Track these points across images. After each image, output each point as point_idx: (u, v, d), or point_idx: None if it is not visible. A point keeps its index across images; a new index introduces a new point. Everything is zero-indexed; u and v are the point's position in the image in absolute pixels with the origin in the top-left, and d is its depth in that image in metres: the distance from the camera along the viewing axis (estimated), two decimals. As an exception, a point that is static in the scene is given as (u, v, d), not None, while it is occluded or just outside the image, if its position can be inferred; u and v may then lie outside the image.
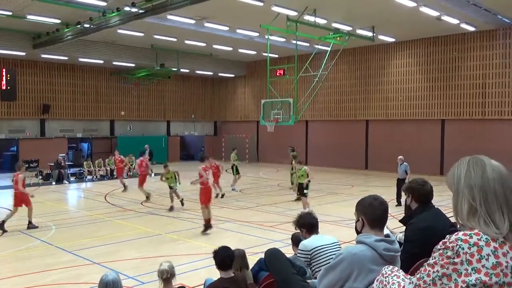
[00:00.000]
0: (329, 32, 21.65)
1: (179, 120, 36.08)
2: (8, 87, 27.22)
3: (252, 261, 5.83)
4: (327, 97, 29.44)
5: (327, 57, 23.07)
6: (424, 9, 18.29)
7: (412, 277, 2.04)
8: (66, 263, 9.14)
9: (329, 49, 22.73)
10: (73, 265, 9.02)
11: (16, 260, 9.46)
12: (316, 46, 23.22)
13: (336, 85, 29.06)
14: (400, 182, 15.14)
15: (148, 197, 16.73)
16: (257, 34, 23.37)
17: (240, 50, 28.89)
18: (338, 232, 10.88)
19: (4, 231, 11.97)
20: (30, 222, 12.41)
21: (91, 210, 15.20)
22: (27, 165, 26.15)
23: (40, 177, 23.68)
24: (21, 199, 12.43)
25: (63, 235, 11.66)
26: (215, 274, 4.88)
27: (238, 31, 23.02)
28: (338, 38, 22.32)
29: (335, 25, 21.41)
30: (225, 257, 4.56)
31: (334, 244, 4.79)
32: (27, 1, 17.69)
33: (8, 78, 27.20)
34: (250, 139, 34.36)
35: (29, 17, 20.31)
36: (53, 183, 22.56)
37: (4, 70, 26.99)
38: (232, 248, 5.04)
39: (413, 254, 3.79)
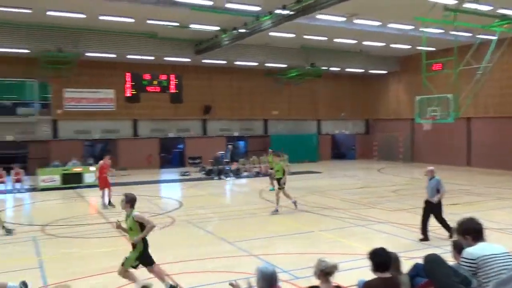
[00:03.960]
0: (494, 20, 19.59)
1: (329, 119, 36.14)
2: (176, 91, 30.46)
3: (407, 266, 5.59)
4: (492, 91, 26.62)
5: (493, 48, 20.88)
6: None
7: None
8: (226, 252, 9.86)
9: (494, 38, 20.56)
10: (232, 255, 9.68)
11: (182, 247, 10.46)
12: (479, 36, 21.20)
13: (503, 77, 26.12)
14: (429, 206, 10.70)
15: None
16: (411, 27, 22.25)
17: (392, 45, 27.82)
18: (506, 241, 9.81)
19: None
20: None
21: (247, 204, 16.10)
22: (192, 161, 28.91)
23: (203, 172, 25.87)
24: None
25: (223, 227, 12.60)
26: (368, 275, 4.78)
27: (390, 25, 22.19)
28: (505, 26, 20.05)
29: (501, 11, 19.28)
30: (384, 259, 4.44)
31: (504, 254, 4.33)
32: (190, 12, 19.45)
33: (176, 82, 30.43)
34: (404, 138, 32.83)
35: (192, 26, 22.37)
36: (215, 178, 24.41)
37: (173, 75, 30.22)
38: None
39: None
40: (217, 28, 22.87)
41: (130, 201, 7.17)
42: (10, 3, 18.67)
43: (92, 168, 20.65)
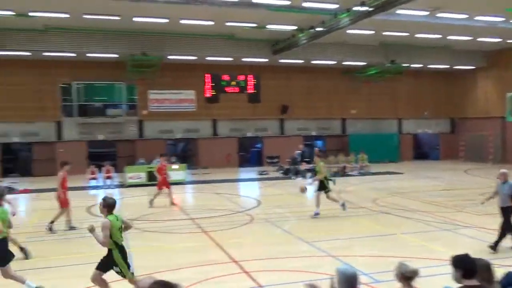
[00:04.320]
0: None
1: (411, 117, 34.80)
2: (254, 91, 30.94)
3: (498, 274, 5.26)
4: None
5: None
6: None
7: None
8: (303, 252, 9.85)
9: None
10: (310, 255, 9.65)
11: (260, 245, 10.60)
12: None
13: None
14: (506, 212, 9.68)
15: None
16: (501, 19, 20.86)
17: (480, 39, 26.22)
18: None
19: None
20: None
21: (324, 204, 15.92)
22: (269, 161, 29.14)
23: (281, 171, 26.00)
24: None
25: (301, 227, 12.59)
26: (451, 282, 4.54)
27: (478, 18, 20.93)
28: None
29: None
30: (470, 265, 4.20)
31: None
32: (267, 12, 19.64)
33: (254, 83, 30.91)
34: (494, 138, 30.78)
35: (269, 26, 22.58)
36: (292, 177, 24.44)
37: (251, 76, 30.72)
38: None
39: None
40: (294, 27, 22.90)
41: (107, 206, 6.72)
42: (101, 12, 20.02)
43: (175, 166, 22.65)
